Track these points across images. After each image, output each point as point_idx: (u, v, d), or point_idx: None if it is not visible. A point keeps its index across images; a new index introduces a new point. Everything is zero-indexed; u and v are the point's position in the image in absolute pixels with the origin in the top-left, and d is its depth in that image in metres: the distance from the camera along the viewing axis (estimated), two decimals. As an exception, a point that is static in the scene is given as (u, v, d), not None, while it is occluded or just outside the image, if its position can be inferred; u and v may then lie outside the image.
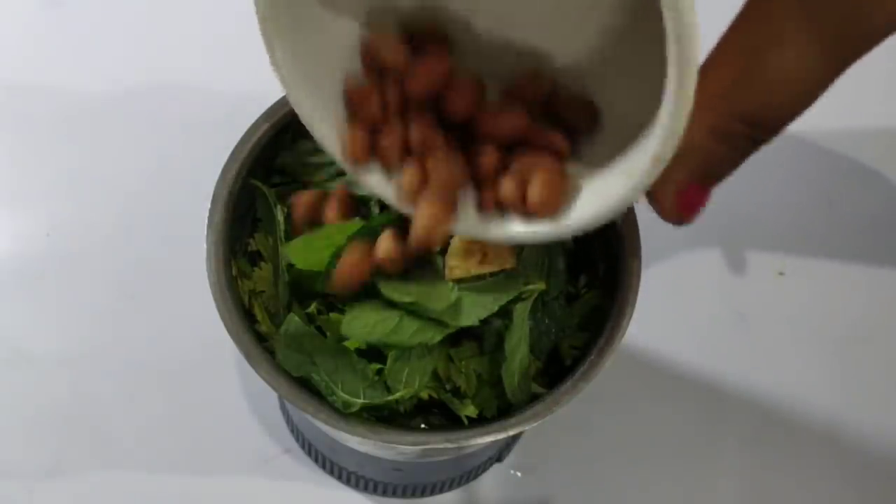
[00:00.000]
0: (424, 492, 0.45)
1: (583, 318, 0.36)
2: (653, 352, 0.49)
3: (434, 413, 0.36)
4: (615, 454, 0.47)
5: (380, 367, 0.33)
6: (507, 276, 0.34)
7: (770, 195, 0.55)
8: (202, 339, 0.46)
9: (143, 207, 0.51)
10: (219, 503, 0.45)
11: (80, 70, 0.55)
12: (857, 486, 0.47)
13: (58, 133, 0.53)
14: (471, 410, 0.34)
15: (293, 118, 0.36)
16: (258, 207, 0.37)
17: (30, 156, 0.52)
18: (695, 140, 0.24)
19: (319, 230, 0.34)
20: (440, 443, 0.31)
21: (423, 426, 0.35)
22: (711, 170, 0.26)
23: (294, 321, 0.33)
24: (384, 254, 0.31)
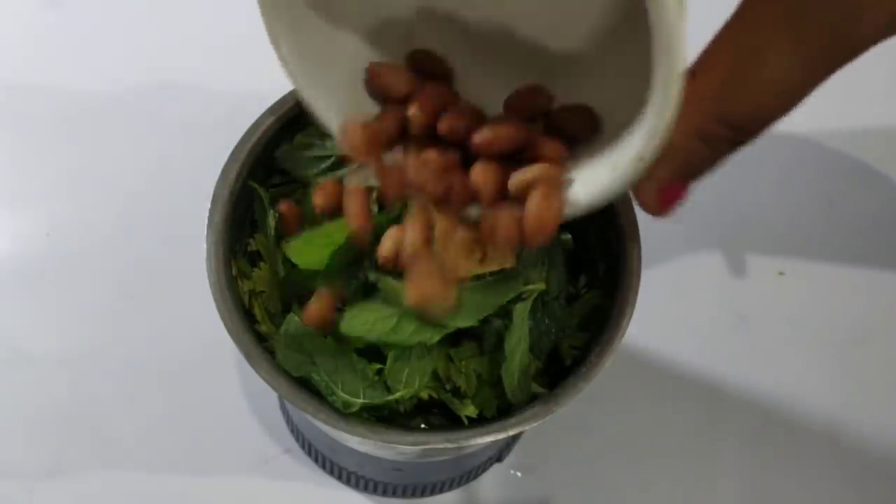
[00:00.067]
0: (424, 492, 0.45)
1: (583, 318, 0.36)
2: (653, 352, 0.49)
3: (434, 413, 0.36)
4: (615, 454, 0.47)
5: (380, 367, 0.33)
6: (507, 276, 0.33)
7: (770, 196, 0.55)
8: (202, 339, 0.46)
9: (143, 207, 0.51)
10: (219, 503, 0.45)
11: (80, 70, 0.55)
12: (857, 486, 0.47)
13: (58, 133, 0.53)
14: (471, 410, 0.34)
15: (293, 118, 0.36)
16: (255, 209, 0.37)
17: (30, 156, 0.52)
18: (678, 140, 0.25)
19: (319, 228, 0.34)
20: (440, 443, 0.31)
21: (423, 426, 0.35)
22: (692, 168, 0.28)
23: (294, 321, 0.33)
24: (387, 253, 0.31)
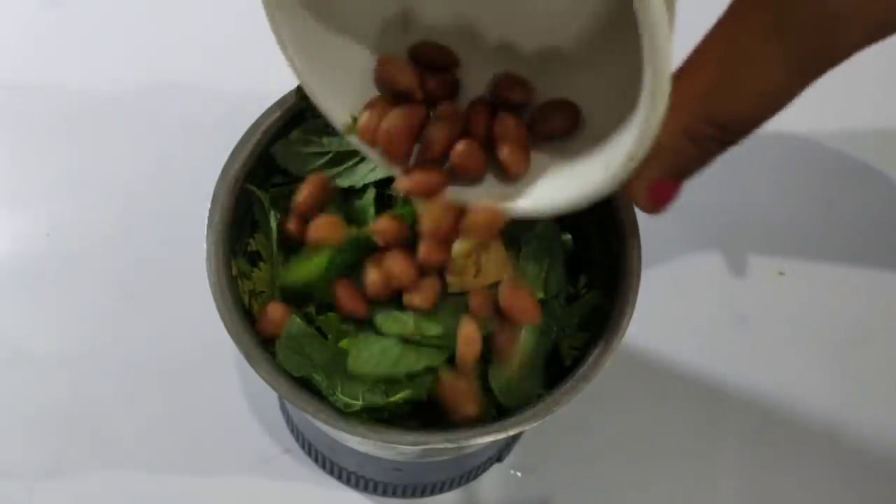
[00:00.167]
0: (424, 492, 0.45)
1: (583, 318, 0.36)
2: (653, 352, 0.49)
3: (434, 413, 0.36)
4: (615, 454, 0.47)
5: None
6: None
7: (770, 196, 0.55)
8: (202, 339, 0.46)
9: (143, 207, 0.51)
10: (219, 503, 0.45)
11: (80, 70, 0.55)
12: (857, 486, 0.47)
13: (58, 133, 0.53)
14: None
15: (294, 117, 0.36)
16: (256, 211, 0.37)
17: (30, 156, 0.52)
18: (666, 140, 0.26)
19: (307, 252, 0.34)
20: (440, 443, 0.31)
21: (423, 426, 0.35)
22: (682, 168, 0.28)
23: (295, 322, 0.33)
24: (372, 288, 0.32)
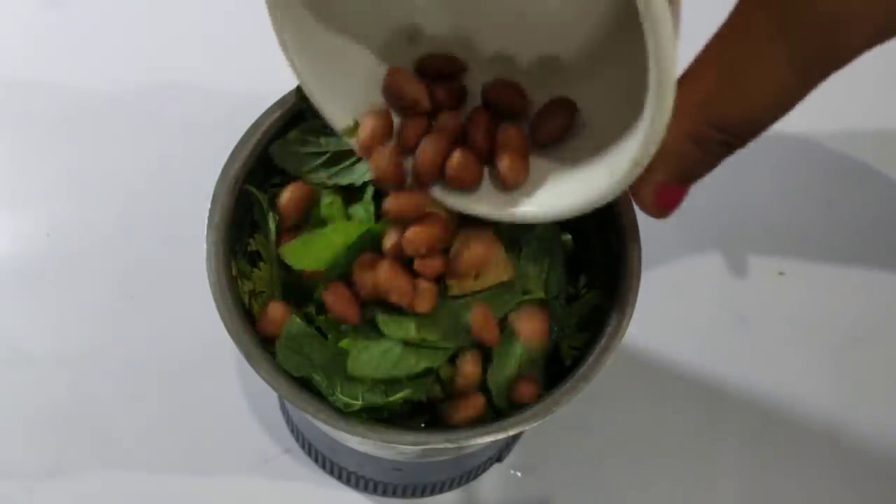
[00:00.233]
0: (424, 492, 0.45)
1: (581, 319, 0.36)
2: (653, 352, 0.49)
3: (434, 413, 0.36)
4: (615, 454, 0.47)
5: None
6: (506, 287, 0.34)
7: (770, 196, 0.55)
8: (202, 339, 0.46)
9: (143, 207, 0.51)
10: (219, 503, 0.45)
11: (80, 70, 0.55)
12: (857, 486, 0.47)
13: (58, 133, 0.53)
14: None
15: (294, 117, 0.36)
16: (256, 211, 0.37)
17: (30, 155, 0.52)
18: (673, 144, 0.26)
19: (318, 231, 0.33)
20: (440, 443, 0.31)
21: (423, 426, 0.35)
22: (687, 172, 0.28)
23: (295, 322, 0.33)
24: (364, 291, 0.33)
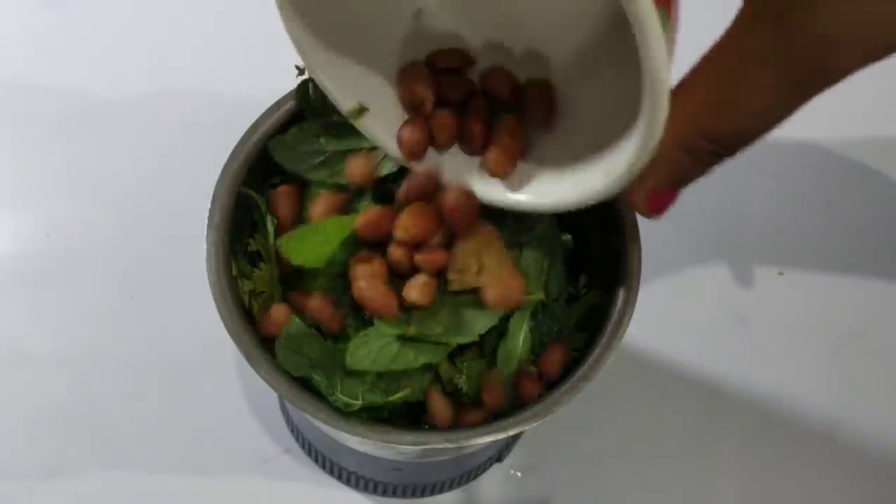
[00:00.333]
0: (424, 492, 0.45)
1: (581, 319, 0.36)
2: (653, 352, 0.49)
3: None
4: (615, 454, 0.47)
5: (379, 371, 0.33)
6: None
7: (769, 196, 0.55)
8: (202, 339, 0.46)
9: (143, 207, 0.51)
10: (219, 503, 0.45)
11: (80, 70, 0.55)
12: (857, 486, 0.47)
13: (58, 133, 0.53)
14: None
15: (293, 118, 0.36)
16: (255, 212, 0.37)
17: (30, 156, 0.52)
18: (665, 151, 0.27)
19: (316, 225, 0.33)
20: (440, 443, 0.31)
21: (423, 426, 0.35)
22: (678, 178, 0.30)
23: (295, 322, 0.33)
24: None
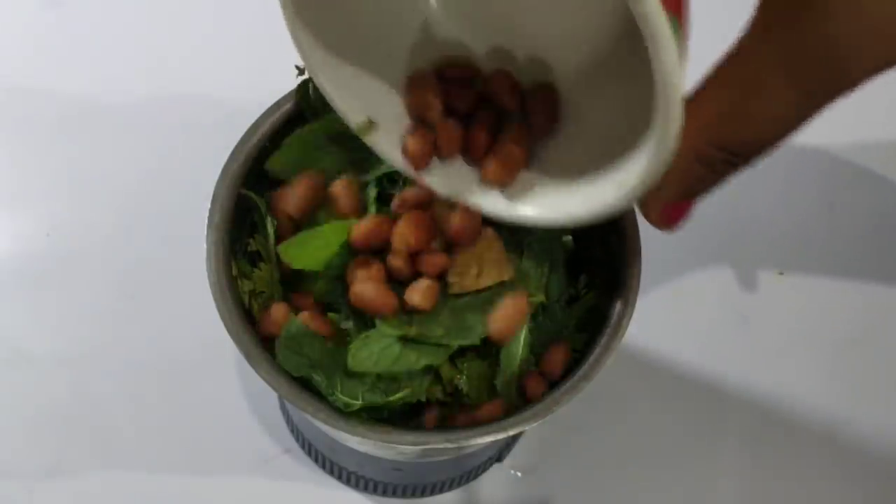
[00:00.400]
0: (424, 492, 0.45)
1: (581, 319, 0.36)
2: (653, 352, 0.49)
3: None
4: (615, 454, 0.47)
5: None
6: (507, 289, 0.34)
7: (771, 197, 0.55)
8: (202, 339, 0.46)
9: (143, 207, 0.51)
10: (219, 503, 0.45)
11: (80, 70, 0.55)
12: (857, 486, 0.47)
13: (58, 133, 0.53)
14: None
15: (293, 118, 0.36)
16: (255, 213, 0.37)
17: (30, 156, 0.52)
18: (679, 163, 0.27)
19: (316, 230, 0.34)
20: (440, 443, 0.31)
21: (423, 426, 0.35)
22: (693, 189, 0.30)
23: (295, 322, 0.33)
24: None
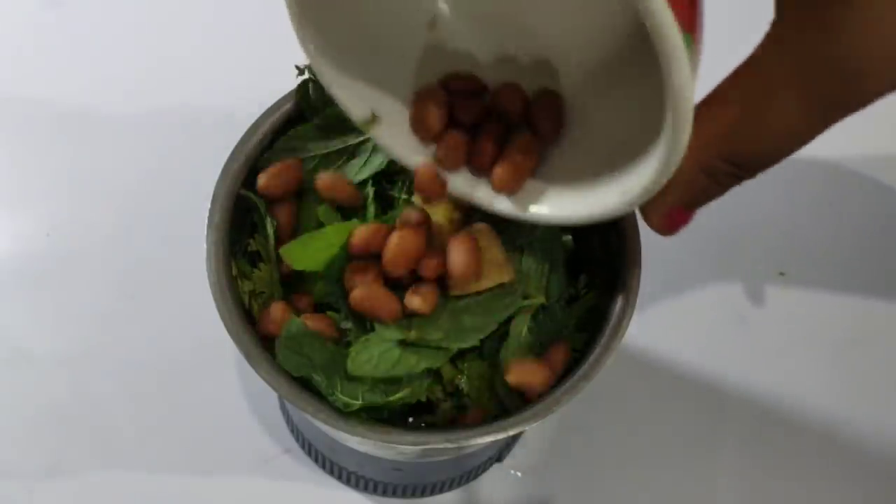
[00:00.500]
0: (424, 492, 0.45)
1: (581, 319, 0.36)
2: (653, 352, 0.49)
3: (434, 413, 0.36)
4: (615, 454, 0.47)
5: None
6: (507, 291, 0.34)
7: (771, 198, 0.55)
8: (202, 339, 0.46)
9: (143, 207, 0.51)
10: (218, 503, 0.45)
11: (80, 70, 0.55)
12: (857, 486, 0.47)
13: (58, 133, 0.53)
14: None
15: (293, 118, 0.36)
16: (255, 213, 0.37)
17: (30, 156, 0.52)
18: (684, 172, 0.27)
19: (318, 231, 0.34)
20: (440, 443, 0.31)
21: (423, 426, 0.35)
22: (696, 198, 0.30)
23: (295, 322, 0.33)
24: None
